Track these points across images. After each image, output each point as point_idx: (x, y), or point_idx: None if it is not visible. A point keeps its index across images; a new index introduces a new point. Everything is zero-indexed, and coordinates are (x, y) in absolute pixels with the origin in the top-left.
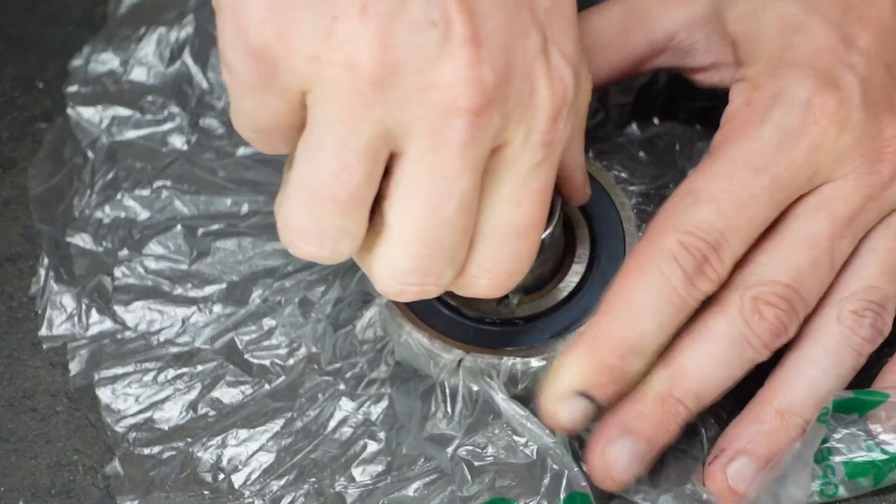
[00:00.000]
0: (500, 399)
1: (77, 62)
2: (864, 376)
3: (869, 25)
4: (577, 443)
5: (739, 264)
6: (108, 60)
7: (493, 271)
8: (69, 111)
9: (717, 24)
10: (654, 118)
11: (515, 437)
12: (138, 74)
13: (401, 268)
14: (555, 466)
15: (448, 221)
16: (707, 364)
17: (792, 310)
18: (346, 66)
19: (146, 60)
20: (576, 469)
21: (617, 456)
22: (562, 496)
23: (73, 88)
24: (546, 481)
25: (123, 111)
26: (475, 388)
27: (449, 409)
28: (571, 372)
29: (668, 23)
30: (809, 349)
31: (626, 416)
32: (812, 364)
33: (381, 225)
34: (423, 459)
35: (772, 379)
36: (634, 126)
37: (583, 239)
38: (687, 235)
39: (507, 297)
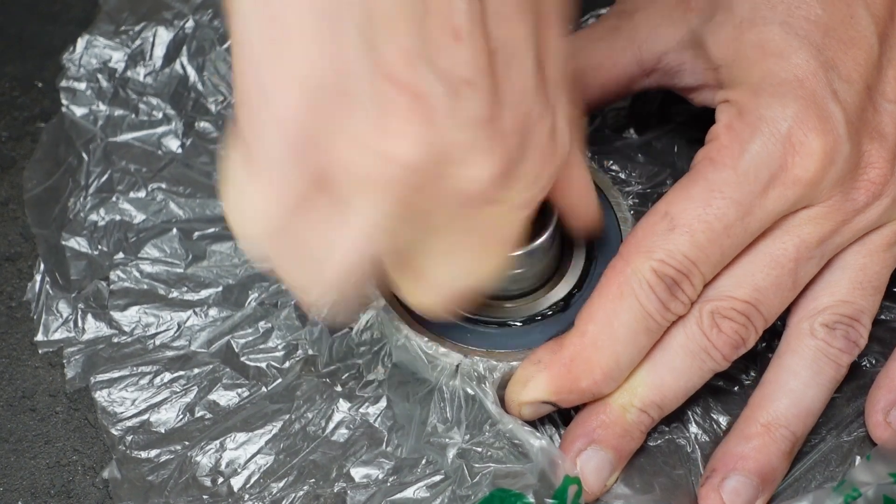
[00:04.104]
0: (491, 404)
1: (70, 55)
2: (858, 384)
3: (850, 47)
4: None
5: None
6: (102, 56)
7: (435, 301)
8: (64, 110)
9: (701, 49)
10: (651, 122)
11: (514, 440)
12: (133, 75)
13: (432, 304)
14: (549, 465)
15: (462, 272)
16: (668, 376)
17: (749, 324)
18: (390, 154)
19: (142, 61)
20: (569, 463)
21: (585, 465)
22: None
23: (66, 83)
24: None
25: (118, 112)
26: (470, 391)
27: (448, 412)
28: (542, 388)
29: (656, 44)
30: (788, 362)
31: (591, 425)
32: (792, 375)
33: (417, 270)
34: (423, 461)
35: (755, 396)
36: (632, 130)
37: (579, 241)
38: (660, 263)
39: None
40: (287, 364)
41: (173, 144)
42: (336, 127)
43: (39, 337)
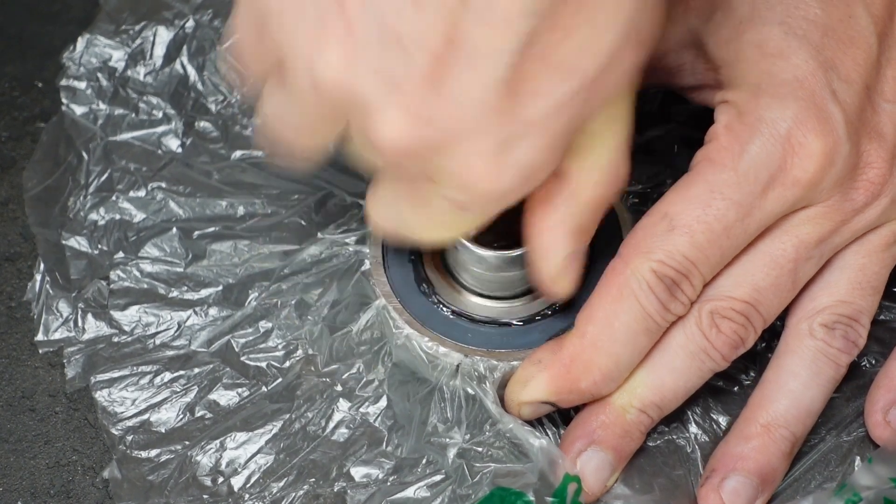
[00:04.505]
0: (491, 404)
1: (70, 54)
2: (858, 384)
3: (849, 47)
4: None
5: None
6: (102, 55)
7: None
8: (64, 109)
9: (700, 48)
10: (651, 121)
11: (514, 440)
12: (133, 74)
13: (374, 222)
14: (548, 465)
15: (402, 220)
16: (667, 376)
17: (748, 324)
18: (313, 63)
19: (142, 61)
20: (569, 462)
21: (585, 466)
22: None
23: (66, 82)
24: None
25: (118, 111)
26: (471, 391)
27: (448, 412)
28: (542, 388)
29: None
30: (787, 362)
31: (591, 426)
32: (792, 376)
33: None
34: (424, 461)
35: (754, 396)
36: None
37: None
38: (659, 264)
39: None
40: (287, 363)
41: (173, 144)
42: (282, 29)
43: (39, 337)
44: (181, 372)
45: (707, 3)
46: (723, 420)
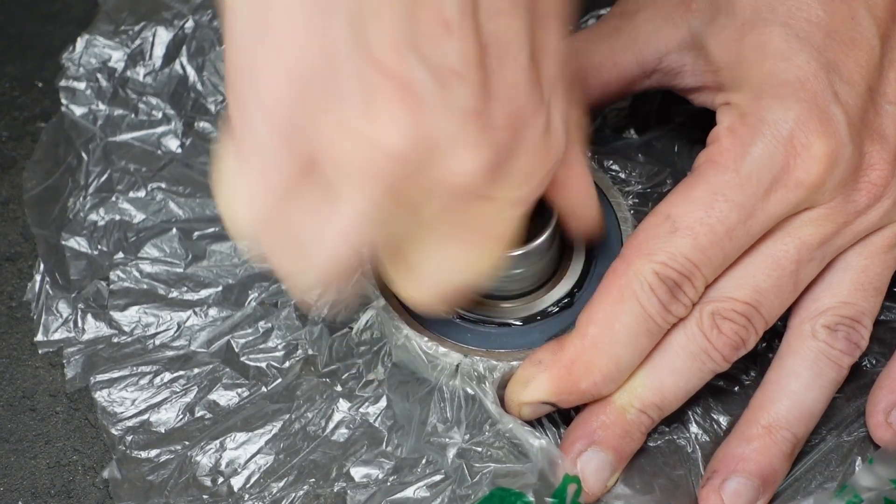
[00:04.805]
0: (491, 404)
1: (70, 55)
2: (859, 384)
3: (851, 49)
4: None
5: None
6: (102, 56)
7: (428, 295)
8: (63, 109)
9: (702, 50)
10: (652, 121)
11: (514, 440)
12: (133, 75)
13: (422, 298)
14: (548, 465)
15: (453, 267)
16: (668, 377)
17: (750, 325)
18: (377, 141)
19: (141, 61)
20: (569, 462)
21: (585, 466)
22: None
23: (65, 83)
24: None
25: (118, 111)
26: (470, 391)
27: (448, 412)
28: (542, 389)
29: (657, 44)
30: (789, 363)
31: (592, 426)
32: (793, 377)
33: (409, 263)
34: (424, 461)
35: (756, 397)
36: (632, 131)
37: (579, 241)
38: (662, 266)
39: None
40: (287, 364)
41: (173, 144)
42: (322, 113)
43: (39, 337)
44: (181, 372)
45: (709, 5)
46: (723, 420)
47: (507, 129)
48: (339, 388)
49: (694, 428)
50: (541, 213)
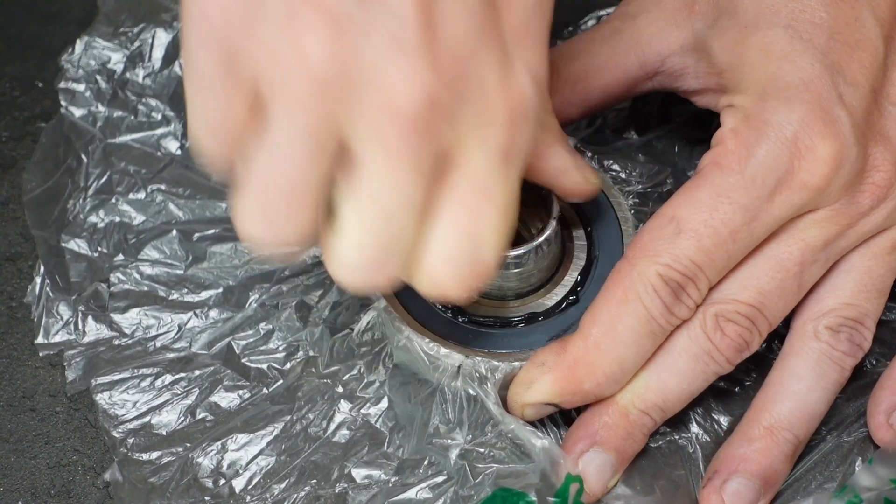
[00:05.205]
0: (493, 405)
1: (69, 57)
2: (859, 384)
3: (855, 50)
4: None
5: None
6: (101, 57)
7: (449, 275)
8: (62, 111)
9: (704, 52)
10: (652, 122)
11: (516, 440)
12: (132, 76)
13: (351, 262)
14: (550, 465)
15: (397, 225)
16: (670, 378)
17: (753, 327)
18: (300, 61)
19: (141, 63)
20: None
21: (587, 467)
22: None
23: (64, 85)
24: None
25: (117, 113)
26: (472, 392)
27: (450, 413)
28: (545, 390)
29: (658, 47)
30: (792, 364)
31: (594, 426)
32: (796, 378)
33: (338, 220)
34: (426, 462)
35: (758, 398)
36: (632, 130)
37: (580, 240)
38: (666, 268)
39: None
40: (288, 365)
41: (172, 146)
42: (250, 34)
43: (40, 340)
44: (182, 374)
45: (712, 7)
46: (724, 420)
47: (453, 67)
48: (340, 390)
49: (695, 428)
50: (541, 213)
